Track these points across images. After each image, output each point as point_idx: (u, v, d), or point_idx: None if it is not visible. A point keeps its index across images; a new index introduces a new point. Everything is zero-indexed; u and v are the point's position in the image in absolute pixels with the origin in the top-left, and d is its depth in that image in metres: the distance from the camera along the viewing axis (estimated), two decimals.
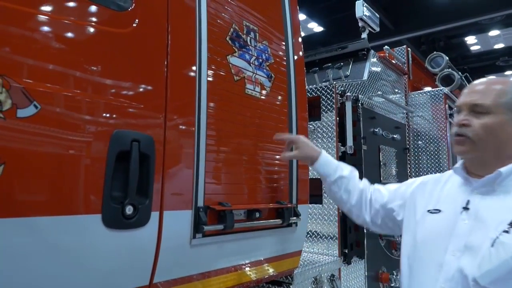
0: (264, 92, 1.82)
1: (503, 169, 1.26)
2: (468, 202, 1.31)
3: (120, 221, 1.17)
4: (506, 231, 1.16)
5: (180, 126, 1.39)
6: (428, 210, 1.44)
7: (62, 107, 1.06)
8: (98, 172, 1.12)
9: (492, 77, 1.38)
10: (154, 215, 1.27)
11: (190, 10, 1.48)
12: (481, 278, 1.15)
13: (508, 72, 16.97)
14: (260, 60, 1.82)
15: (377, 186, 1.74)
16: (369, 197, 1.70)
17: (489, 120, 1.27)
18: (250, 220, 1.67)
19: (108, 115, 1.17)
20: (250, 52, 1.76)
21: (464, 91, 1.40)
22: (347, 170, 1.75)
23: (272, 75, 1.89)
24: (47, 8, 1.08)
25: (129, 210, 1.18)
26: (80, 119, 1.10)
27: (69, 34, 1.11)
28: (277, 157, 1.86)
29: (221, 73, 1.59)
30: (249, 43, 1.76)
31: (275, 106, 1.90)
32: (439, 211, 1.40)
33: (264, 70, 1.84)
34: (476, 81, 1.40)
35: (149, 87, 1.30)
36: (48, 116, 1.02)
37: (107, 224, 1.14)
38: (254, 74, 1.77)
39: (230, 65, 1.64)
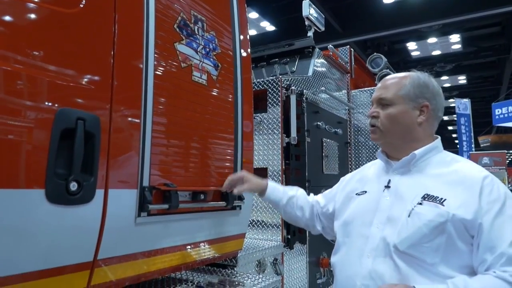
0: (210, 80, 1.89)
1: (417, 152, 1.46)
2: (389, 181, 1.50)
3: (64, 197, 1.19)
4: (420, 203, 1.35)
5: (127, 107, 1.43)
6: (356, 193, 1.62)
7: (6, 82, 1.07)
8: (42, 148, 1.14)
9: (398, 73, 1.59)
10: (99, 192, 1.31)
11: None
12: (400, 244, 1.33)
13: (444, 77, 18.33)
14: (207, 49, 1.89)
15: (317, 197, 1.94)
16: (316, 208, 1.90)
17: (392, 110, 1.48)
18: (195, 201, 1.75)
19: (54, 93, 1.18)
20: (198, 41, 1.83)
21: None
22: (293, 191, 1.94)
23: (219, 64, 1.97)
24: None
25: (73, 186, 1.21)
26: (26, 96, 1.11)
27: (14, 11, 1.11)
28: (223, 142, 1.95)
29: (168, 59, 1.64)
30: (196, 32, 1.83)
31: (222, 94, 1.98)
32: (366, 192, 1.59)
33: (211, 59, 1.91)
34: (385, 77, 1.61)
35: (96, 68, 1.33)
36: None
37: (50, 199, 1.16)
38: (201, 62, 1.84)
39: (177, 52, 1.70)
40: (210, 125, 1.88)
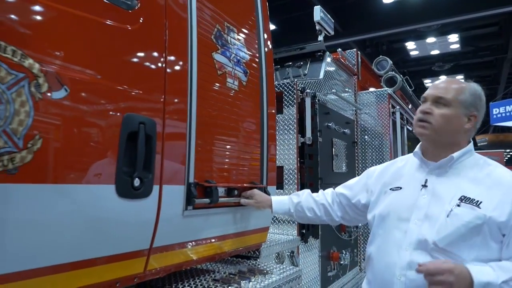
0: (241, 86, 2.06)
1: (455, 154, 1.59)
2: (426, 181, 1.63)
3: (129, 192, 1.36)
4: (458, 205, 1.49)
5: (177, 111, 1.59)
6: (390, 188, 1.74)
7: (86, 92, 1.23)
8: (113, 149, 1.30)
9: (457, 79, 1.69)
10: (155, 188, 1.47)
11: (183, 11, 1.68)
12: (439, 241, 1.47)
13: (442, 76, 18.57)
14: (238, 57, 2.06)
15: (338, 189, 2.05)
16: (331, 201, 2.02)
17: (448, 111, 1.58)
18: (230, 196, 1.92)
19: (121, 100, 1.35)
20: (230, 50, 2.00)
21: (431, 86, 1.68)
22: (297, 197, 2.10)
23: (248, 70, 2.13)
24: (73, 8, 1.24)
25: (136, 182, 1.38)
26: (100, 103, 1.28)
27: (93, 30, 1.28)
28: (251, 142, 2.12)
29: (207, 67, 1.81)
30: (229, 41, 2.00)
31: (250, 98, 2.15)
32: (400, 188, 1.71)
33: (241, 66, 2.08)
34: (441, 79, 1.70)
35: (152, 78, 1.49)
36: (76, 100, 1.19)
37: (119, 194, 1.32)
38: (233, 70, 2.00)
39: (214, 60, 1.86)
40: (241, 126, 2.04)
